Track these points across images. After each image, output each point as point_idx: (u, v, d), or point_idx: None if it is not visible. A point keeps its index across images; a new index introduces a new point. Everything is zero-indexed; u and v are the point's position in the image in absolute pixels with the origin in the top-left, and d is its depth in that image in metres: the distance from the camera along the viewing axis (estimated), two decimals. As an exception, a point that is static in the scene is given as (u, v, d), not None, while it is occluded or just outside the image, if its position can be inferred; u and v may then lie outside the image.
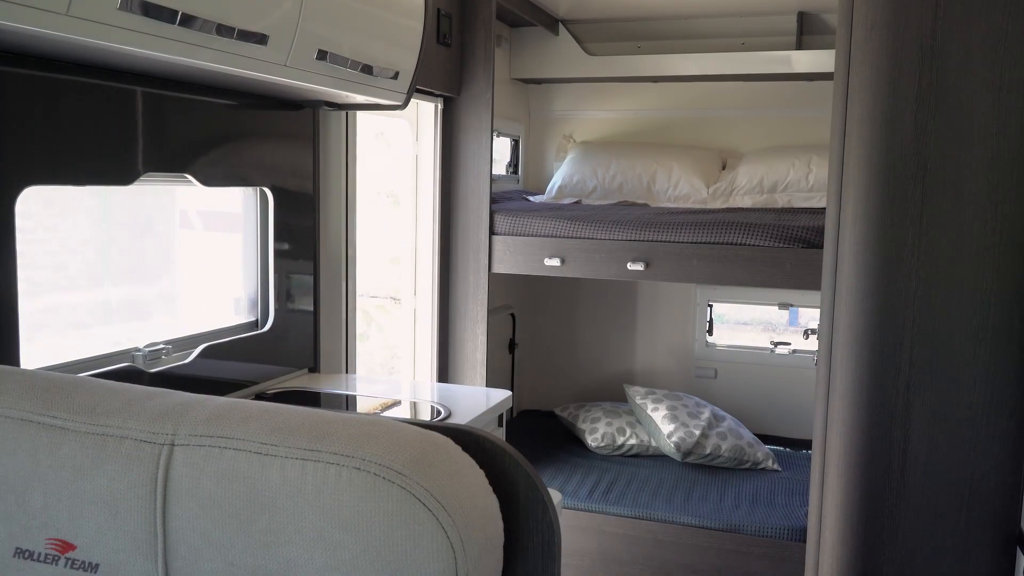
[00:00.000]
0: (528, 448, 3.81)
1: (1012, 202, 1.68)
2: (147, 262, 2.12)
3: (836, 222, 2.00)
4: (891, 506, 1.86)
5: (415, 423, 0.96)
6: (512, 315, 4.17)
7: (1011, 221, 1.69)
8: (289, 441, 0.90)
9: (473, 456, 0.94)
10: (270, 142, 2.26)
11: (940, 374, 1.79)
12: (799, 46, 3.91)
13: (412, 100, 2.33)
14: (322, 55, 1.78)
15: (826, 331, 2.06)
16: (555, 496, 1.88)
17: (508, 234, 3.38)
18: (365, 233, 3.47)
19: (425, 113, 3.35)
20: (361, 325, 3.87)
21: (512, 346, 4.19)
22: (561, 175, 4.15)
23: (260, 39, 1.57)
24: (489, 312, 3.47)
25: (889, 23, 1.80)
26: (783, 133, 4.04)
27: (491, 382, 3.57)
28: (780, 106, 4.12)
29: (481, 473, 0.92)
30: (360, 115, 2.54)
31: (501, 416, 2.42)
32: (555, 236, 3.30)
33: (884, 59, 1.81)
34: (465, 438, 0.97)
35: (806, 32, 3.93)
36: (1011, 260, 1.70)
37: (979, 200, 1.71)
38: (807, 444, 3.64)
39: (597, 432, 3.80)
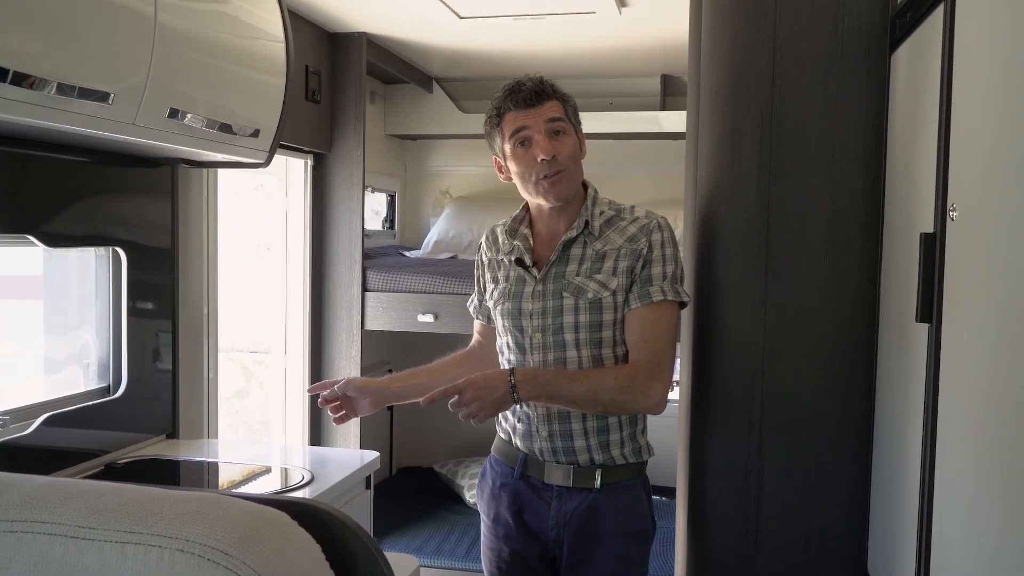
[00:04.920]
0: (404, 506, 3.75)
1: (846, 259, 1.78)
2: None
3: (693, 277, 2.07)
4: (748, 555, 1.90)
5: (248, 497, 0.93)
6: (389, 371, 4.11)
7: (847, 278, 1.78)
8: (109, 523, 0.85)
9: (310, 529, 0.91)
10: (124, 200, 2.18)
11: (789, 426, 1.86)
12: (664, 106, 4.07)
13: (280, 156, 2.31)
14: (174, 113, 1.73)
15: (686, 383, 2.12)
16: (410, 563, 1.84)
17: (381, 290, 3.35)
18: (242, 287, 3.38)
19: (295, 169, 3.31)
20: (240, 382, 3.74)
21: (390, 403, 4.12)
22: (437, 230, 4.16)
23: (104, 97, 1.52)
24: (364, 369, 3.42)
25: (732, 90, 1.90)
26: (652, 188, 4.17)
27: (368, 440, 3.51)
28: (648, 163, 4.27)
29: (317, 548, 0.89)
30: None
31: (369, 478, 2.37)
32: (429, 292, 3.30)
33: (728, 124, 1.90)
34: (302, 511, 0.94)
35: (669, 94, 4.11)
36: (850, 315, 1.79)
37: (819, 258, 1.80)
38: (680, 492, 3.70)
39: (475, 488, 3.77)
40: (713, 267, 1.96)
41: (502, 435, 1.94)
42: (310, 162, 3.31)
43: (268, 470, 2.25)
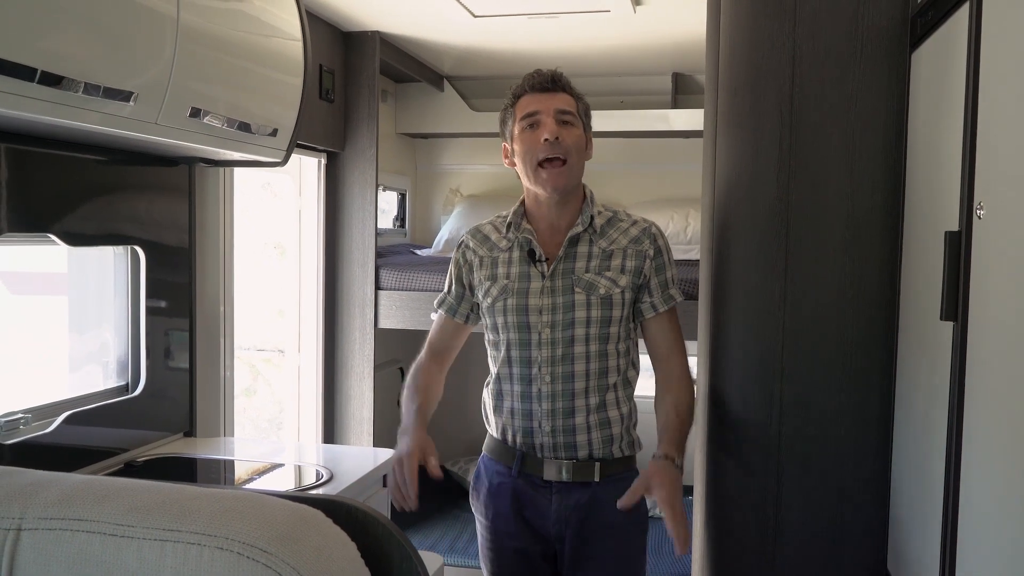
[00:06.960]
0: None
1: (866, 258, 1.78)
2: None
3: (709, 275, 2.07)
4: (768, 553, 1.91)
5: (283, 496, 0.93)
6: (401, 369, 4.12)
7: (865, 276, 1.78)
8: (147, 521, 0.86)
9: (345, 527, 0.92)
10: (143, 199, 2.19)
11: (809, 421, 1.86)
12: (675, 105, 4.07)
13: (294, 155, 2.31)
14: (195, 113, 1.74)
15: (703, 381, 2.12)
16: (435, 560, 1.85)
17: (394, 289, 3.36)
18: (251, 285, 3.39)
19: (308, 168, 3.32)
20: (248, 379, 3.75)
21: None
22: (448, 228, 4.17)
23: (128, 97, 1.52)
24: (376, 367, 3.42)
25: (751, 88, 1.89)
26: (662, 187, 4.17)
27: (380, 439, 3.51)
28: (659, 161, 4.26)
29: (353, 546, 0.90)
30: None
31: (386, 476, 2.37)
32: (441, 291, 3.29)
33: (747, 122, 1.90)
34: (337, 509, 0.95)
35: (680, 92, 4.10)
36: (867, 312, 1.79)
37: (837, 256, 1.80)
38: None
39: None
40: (731, 265, 1.96)
41: (495, 434, 1.96)
42: (323, 161, 3.32)
43: (286, 467, 2.26)
